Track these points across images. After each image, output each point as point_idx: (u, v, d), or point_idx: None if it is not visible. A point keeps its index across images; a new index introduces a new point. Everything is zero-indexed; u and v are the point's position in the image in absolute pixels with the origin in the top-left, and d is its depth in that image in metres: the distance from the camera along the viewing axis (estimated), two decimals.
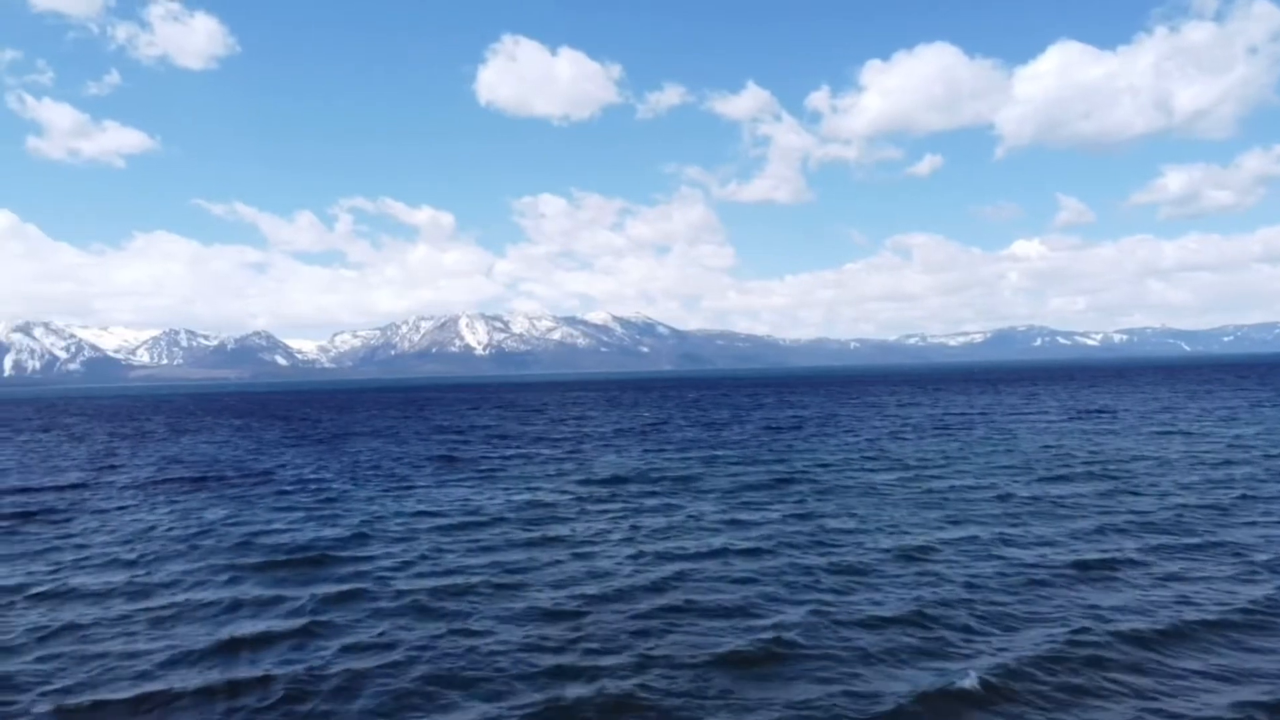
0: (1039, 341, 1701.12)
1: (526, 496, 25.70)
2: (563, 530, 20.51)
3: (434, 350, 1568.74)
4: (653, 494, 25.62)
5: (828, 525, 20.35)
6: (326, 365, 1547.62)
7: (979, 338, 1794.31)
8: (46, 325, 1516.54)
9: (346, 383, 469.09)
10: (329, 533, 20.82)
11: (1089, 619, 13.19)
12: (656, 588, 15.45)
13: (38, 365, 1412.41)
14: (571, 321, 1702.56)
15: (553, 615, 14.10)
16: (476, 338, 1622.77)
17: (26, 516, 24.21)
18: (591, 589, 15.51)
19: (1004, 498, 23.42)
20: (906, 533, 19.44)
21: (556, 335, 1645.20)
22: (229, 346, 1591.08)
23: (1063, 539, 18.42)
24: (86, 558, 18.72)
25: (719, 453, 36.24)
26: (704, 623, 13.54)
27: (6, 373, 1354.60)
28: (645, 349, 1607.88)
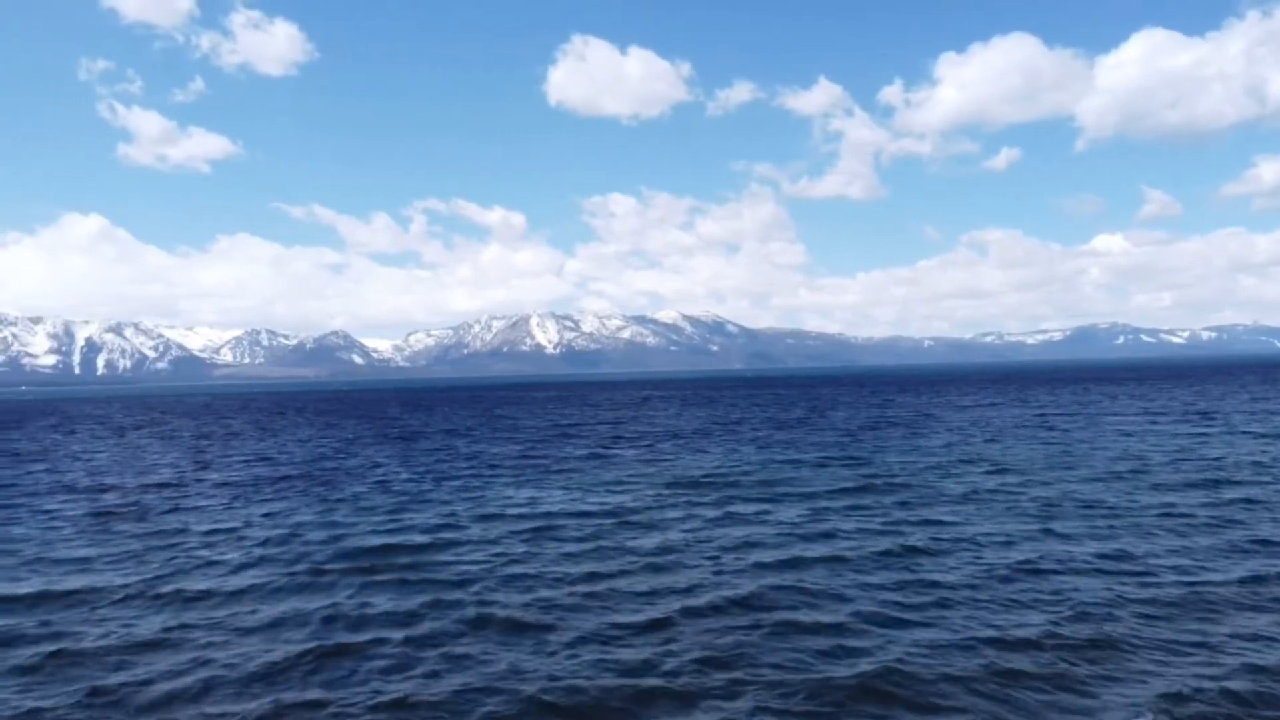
0: (1121, 340, 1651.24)
1: (605, 499, 25.15)
2: (645, 535, 19.84)
3: (505, 349, 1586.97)
4: (734, 498, 24.77)
5: (929, 536, 19.19)
6: (401, 364, 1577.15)
7: (1058, 336, 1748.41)
8: (136, 326, 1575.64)
9: (421, 381, 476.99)
10: (415, 535, 20.51)
11: (1262, 648, 11.90)
12: (745, 602, 14.60)
13: (128, 364, 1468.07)
14: (641, 320, 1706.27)
15: (640, 629, 13.48)
16: (547, 336, 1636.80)
17: (122, 515, 24.46)
18: (676, 602, 14.81)
19: (1116, 507, 22.01)
20: (1018, 544, 18.19)
21: (626, 334, 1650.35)
22: (308, 346, 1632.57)
23: (1209, 555, 17.08)
24: (179, 558, 18.69)
25: (799, 455, 35.21)
26: (801, 642, 12.72)
27: (100, 371, 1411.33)
28: (715, 348, 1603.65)
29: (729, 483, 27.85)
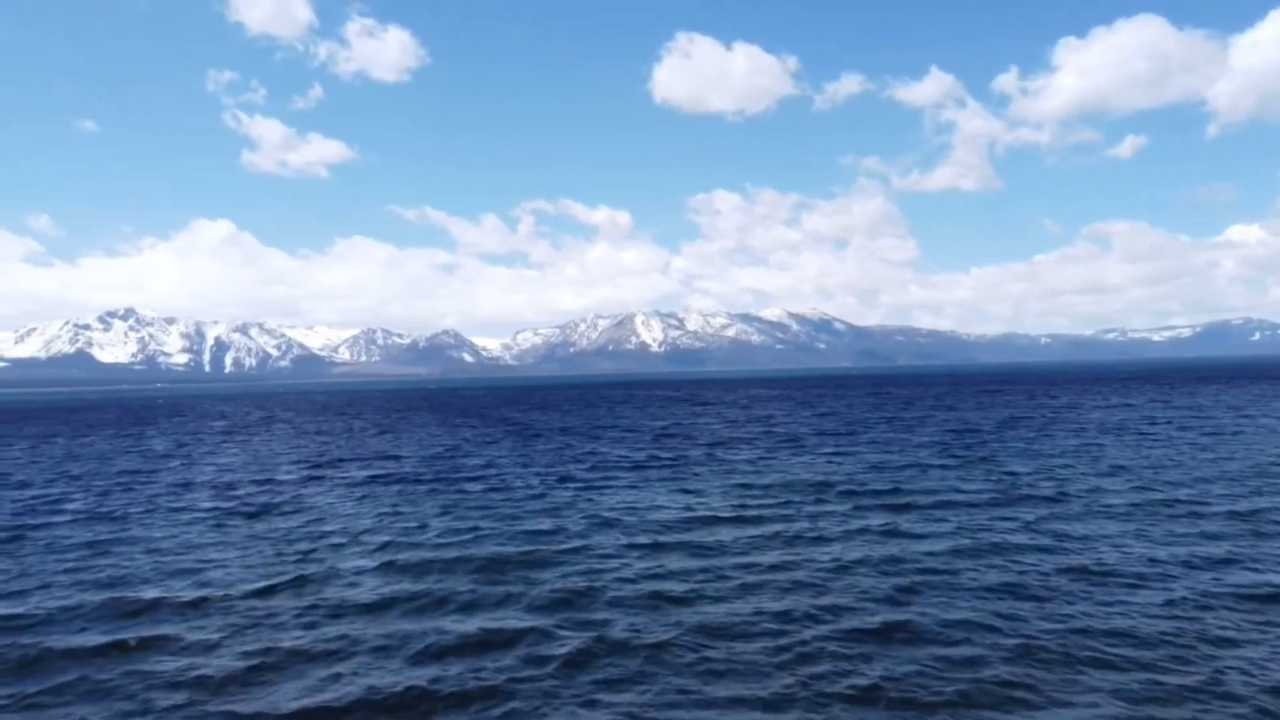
0: (1258, 335, 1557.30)
1: (723, 500, 24.54)
2: (770, 540, 19.17)
3: (611, 348, 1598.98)
4: (861, 505, 23.73)
5: (1111, 555, 17.82)
6: (510, 362, 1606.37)
7: (1187, 332, 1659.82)
8: (261, 326, 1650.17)
9: (529, 379, 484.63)
10: (538, 534, 20.39)
11: None
12: (883, 621, 13.80)
13: (253, 362, 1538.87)
14: (746, 318, 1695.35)
15: (771, 638, 12.92)
16: (652, 335, 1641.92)
17: (247, 514, 25.08)
18: (807, 606, 14.27)
19: None
20: (1229, 567, 16.38)
21: (731, 332, 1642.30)
22: (420, 345, 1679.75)
23: None
24: (304, 559, 18.93)
25: (919, 458, 33.82)
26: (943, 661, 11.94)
27: (227, 369, 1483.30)
28: (822, 345, 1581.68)
29: (854, 488, 26.86)
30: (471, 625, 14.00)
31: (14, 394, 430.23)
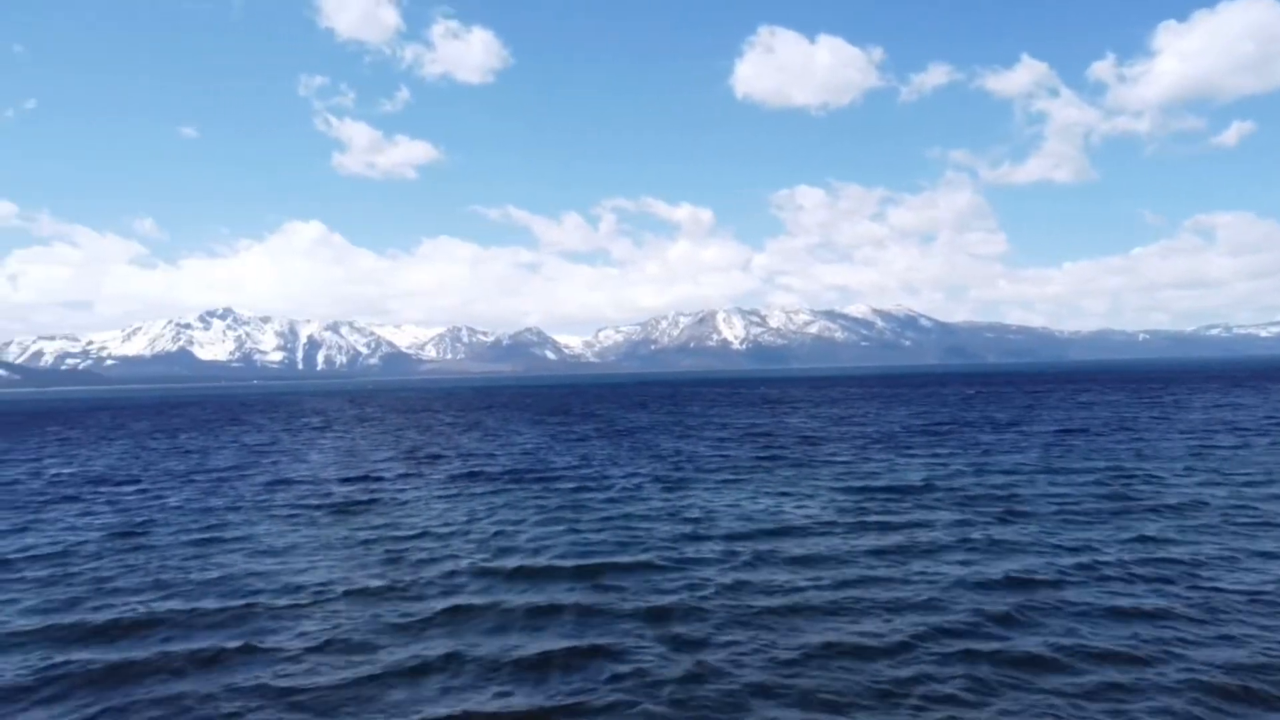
0: None
1: (822, 503, 23.69)
2: (875, 548, 18.31)
3: (692, 345, 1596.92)
4: (968, 511, 22.65)
5: (1236, 578, 16.74)
6: (591, 360, 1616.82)
7: None
8: (351, 324, 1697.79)
9: (611, 377, 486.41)
10: (634, 537, 19.93)
11: None
12: (1000, 631, 13.02)
13: (344, 360, 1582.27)
14: (830, 315, 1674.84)
15: (884, 654, 12.23)
16: (733, 332, 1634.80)
17: (347, 512, 25.23)
18: (918, 618, 13.53)
19: None
20: None
21: (814, 329, 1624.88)
22: (504, 342, 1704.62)
23: None
24: (404, 558, 18.83)
25: (1020, 460, 32.31)
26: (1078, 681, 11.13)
27: (319, 366, 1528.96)
28: (907, 342, 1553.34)
29: (959, 492, 25.70)
30: (568, 633, 13.61)
31: (121, 390, 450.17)
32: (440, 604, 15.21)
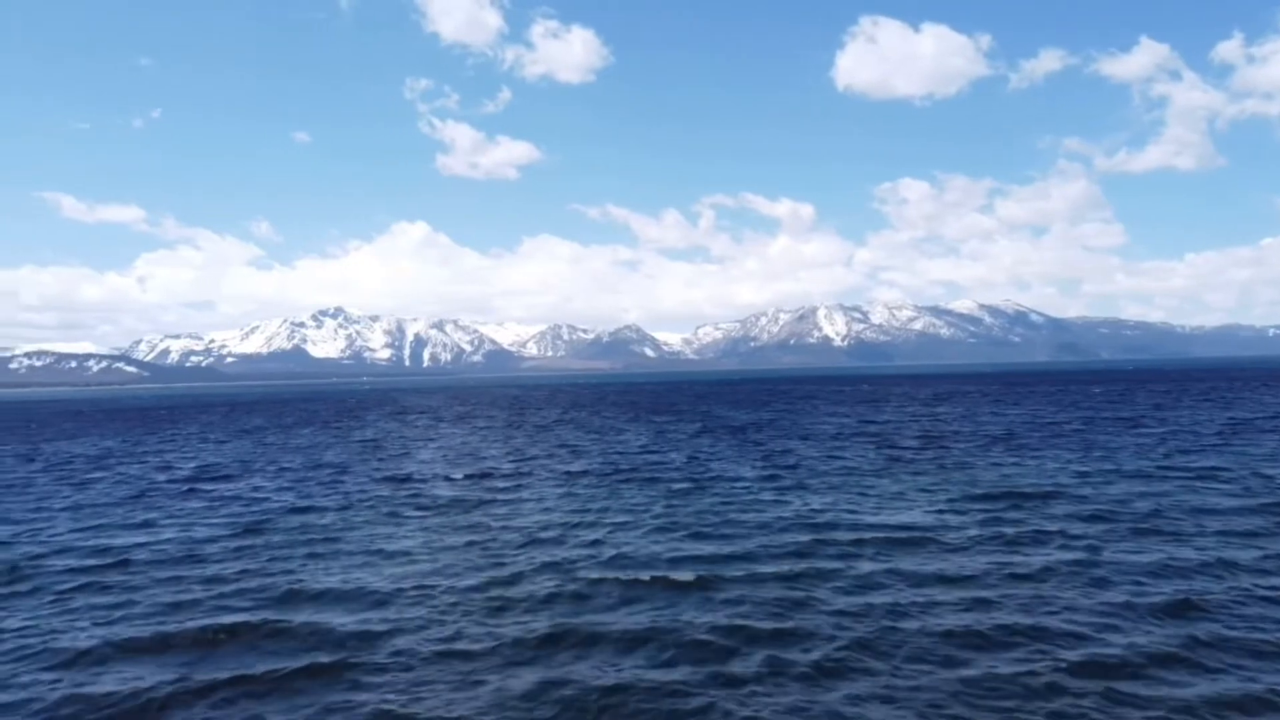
0: None
1: (947, 508, 22.37)
2: (999, 554, 17.03)
3: (792, 341, 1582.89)
4: (1107, 524, 20.92)
5: None
6: (690, 357, 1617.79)
7: None
8: (455, 323, 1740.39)
9: (711, 374, 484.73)
10: (747, 536, 19.10)
11: None
12: (1166, 675, 11.63)
13: (448, 357, 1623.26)
14: (935, 311, 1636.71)
15: (1033, 695, 11.06)
16: (835, 329, 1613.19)
17: (456, 509, 25.10)
18: (1068, 653, 12.25)
19: None
20: None
21: (918, 325, 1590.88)
22: (604, 340, 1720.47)
23: None
24: (514, 556, 18.43)
25: (1152, 465, 30.11)
26: None
27: (425, 363, 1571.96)
28: (1016, 339, 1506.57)
29: (1086, 503, 23.97)
30: (686, 633, 12.92)
31: (239, 386, 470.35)
32: (551, 610, 14.70)
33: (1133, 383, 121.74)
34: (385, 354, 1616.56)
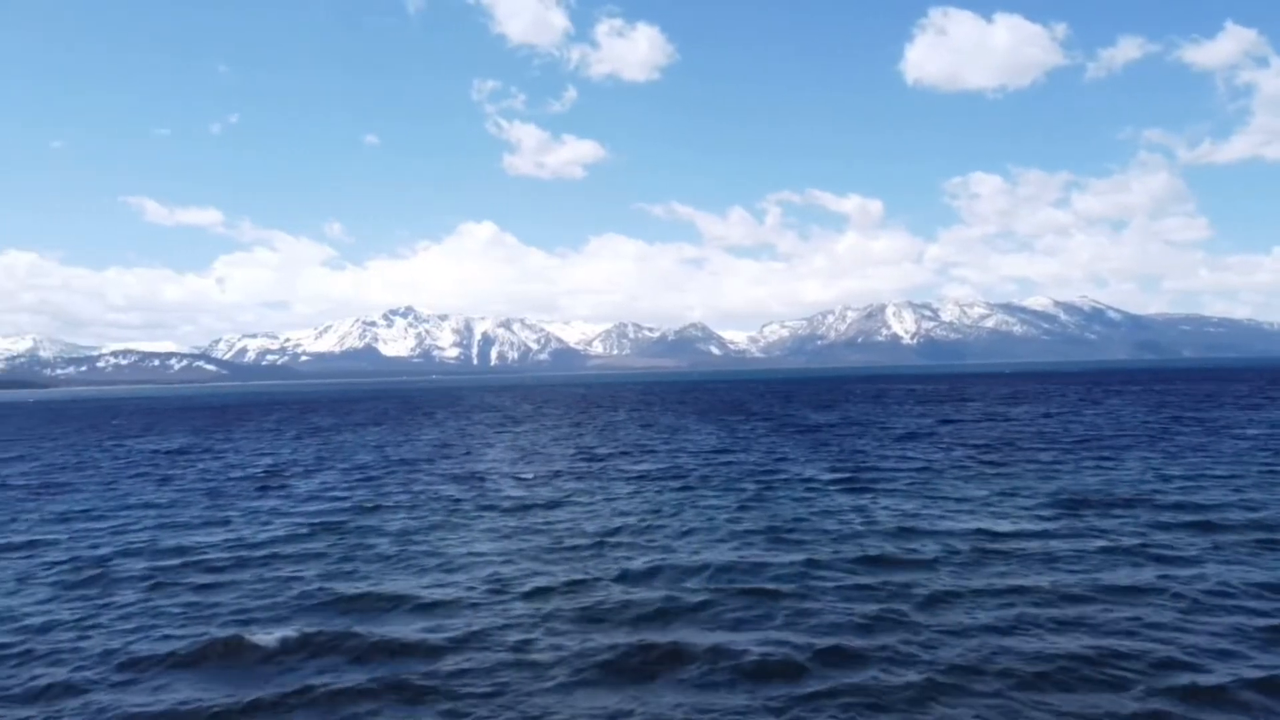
0: None
1: (1034, 514, 21.34)
2: (1093, 564, 16.08)
3: (860, 340, 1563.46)
4: (1215, 536, 19.85)
5: None
6: (756, 355, 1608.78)
7: None
8: (522, 321, 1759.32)
9: (778, 372, 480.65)
10: (826, 542, 18.43)
11: None
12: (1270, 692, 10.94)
13: (515, 355, 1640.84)
14: (1007, 308, 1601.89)
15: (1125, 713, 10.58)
16: (904, 326, 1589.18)
17: (526, 511, 24.84)
18: (1167, 677, 11.36)
19: None
20: None
21: (990, 323, 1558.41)
22: (669, 338, 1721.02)
23: None
24: (587, 557, 18.04)
25: (1268, 473, 28.50)
26: None
27: (492, 362, 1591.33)
28: (1093, 337, 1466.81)
29: (1186, 510, 22.74)
30: (765, 645, 12.36)
31: (314, 385, 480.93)
32: (631, 620, 14.26)
33: (1220, 382, 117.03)
34: (453, 353, 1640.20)
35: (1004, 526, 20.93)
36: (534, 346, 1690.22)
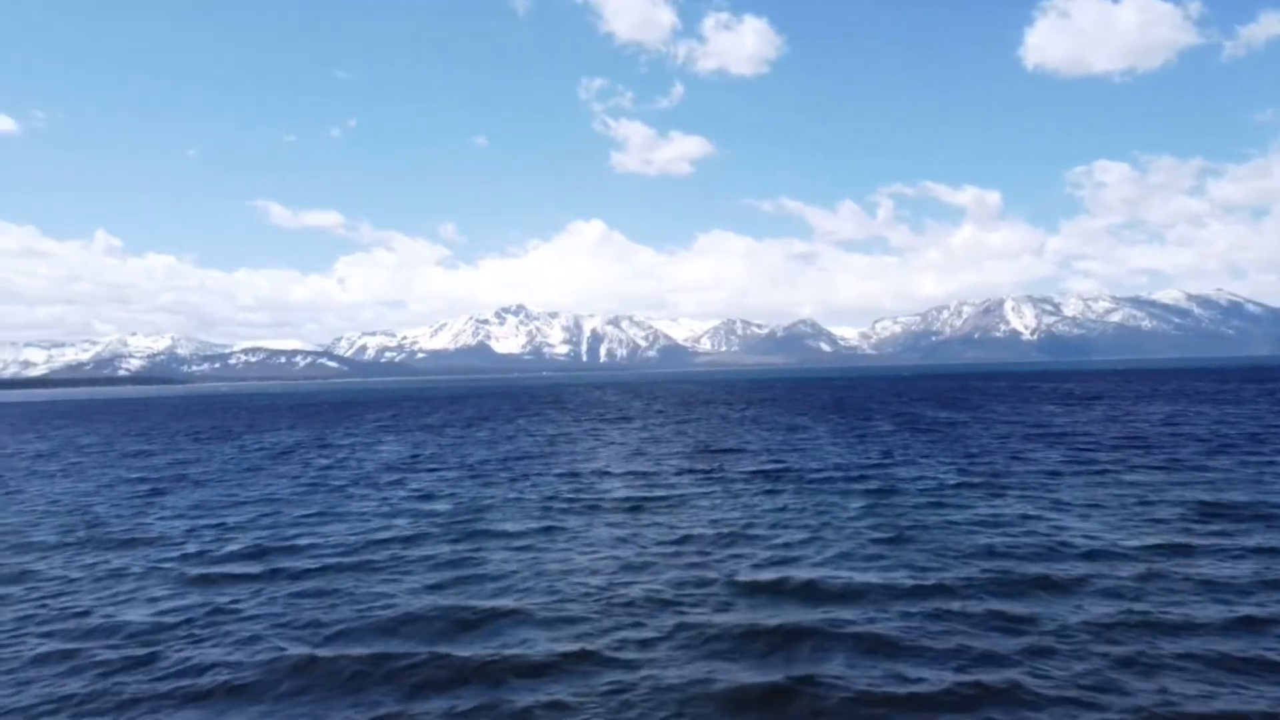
0: None
1: (1180, 529, 19.05)
2: (1227, 580, 13.89)
3: (976, 336, 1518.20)
4: None
5: None
6: (868, 352, 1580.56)
7: None
8: (630, 319, 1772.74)
9: (891, 369, 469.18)
10: (951, 559, 16.64)
11: None
12: None
13: (624, 352, 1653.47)
14: (1135, 302, 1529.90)
15: None
16: (1023, 322, 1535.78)
17: (638, 511, 23.74)
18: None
19: None
20: None
21: (1116, 317, 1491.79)
22: (778, 334, 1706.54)
23: None
24: (701, 561, 16.73)
25: None
26: None
27: (601, 359, 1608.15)
28: (1230, 332, 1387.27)
29: None
30: (900, 680, 11.12)
31: (430, 381, 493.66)
32: (753, 641, 12.89)
33: None
34: (563, 350, 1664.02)
35: (1157, 540, 18.63)
36: (642, 343, 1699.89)
